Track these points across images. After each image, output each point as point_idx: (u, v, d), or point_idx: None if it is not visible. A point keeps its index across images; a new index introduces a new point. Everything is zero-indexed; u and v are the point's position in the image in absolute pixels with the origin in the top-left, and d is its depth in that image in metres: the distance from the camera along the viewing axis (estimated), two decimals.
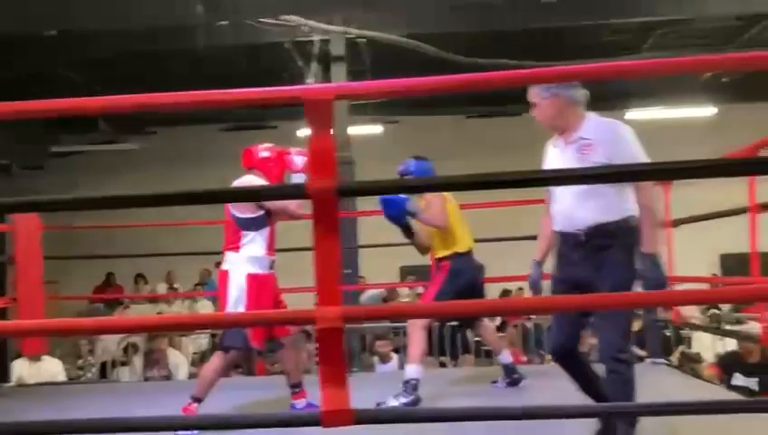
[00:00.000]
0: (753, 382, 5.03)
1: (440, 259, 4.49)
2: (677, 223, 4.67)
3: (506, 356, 4.73)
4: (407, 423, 1.96)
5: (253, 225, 3.79)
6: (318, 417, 1.85)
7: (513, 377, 4.69)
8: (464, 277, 4.43)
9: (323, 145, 1.87)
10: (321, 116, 1.85)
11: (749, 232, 3.71)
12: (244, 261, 3.81)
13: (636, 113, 11.72)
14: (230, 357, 3.84)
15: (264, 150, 3.92)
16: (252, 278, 3.79)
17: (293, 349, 4.08)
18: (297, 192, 1.79)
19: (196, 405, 3.70)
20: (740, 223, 3.95)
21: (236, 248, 3.82)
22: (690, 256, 9.05)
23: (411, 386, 4.19)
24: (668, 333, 7.31)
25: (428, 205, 4.35)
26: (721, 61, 3.26)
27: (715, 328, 6.95)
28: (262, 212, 3.77)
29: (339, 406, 1.87)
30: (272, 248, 3.89)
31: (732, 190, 3.76)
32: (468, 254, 4.53)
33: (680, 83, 10.74)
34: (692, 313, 7.16)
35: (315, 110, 1.84)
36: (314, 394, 1.97)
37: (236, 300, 3.77)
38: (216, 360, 3.84)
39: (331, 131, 1.89)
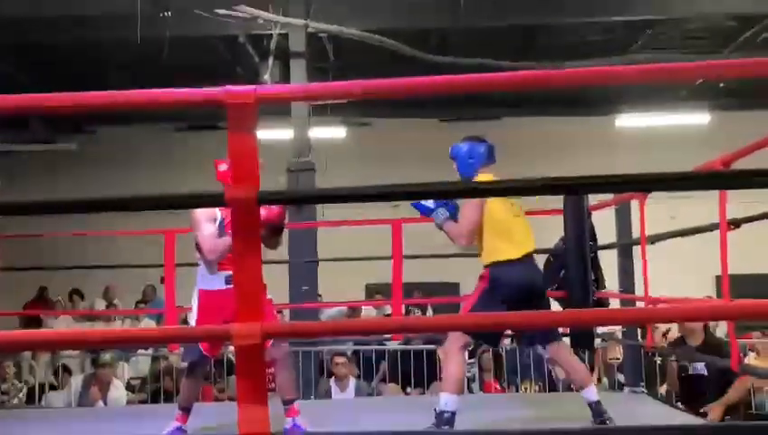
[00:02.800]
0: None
1: (484, 267, 4.26)
2: (653, 239, 4.81)
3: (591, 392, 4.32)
4: None
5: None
6: None
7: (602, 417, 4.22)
8: (506, 289, 4.12)
9: (245, 150, 1.95)
10: (242, 120, 1.94)
11: (748, 252, 3.80)
12: (199, 277, 4.18)
13: (626, 120, 11.95)
14: (194, 371, 4.24)
15: (222, 163, 4.01)
16: (202, 294, 4.13)
17: (287, 363, 4.25)
18: (215, 201, 1.87)
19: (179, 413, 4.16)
20: (740, 242, 3.98)
21: (198, 265, 4.19)
22: (686, 277, 9.28)
23: (445, 419, 3.99)
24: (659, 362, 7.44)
25: (461, 211, 4.21)
26: (719, 67, 2.99)
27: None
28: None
29: (257, 429, 1.95)
30: (226, 263, 4.01)
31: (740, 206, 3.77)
32: (518, 261, 4.21)
33: (673, 88, 10.98)
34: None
35: (236, 113, 1.93)
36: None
37: (191, 316, 4.22)
38: (184, 377, 4.31)
39: (254, 136, 1.98)
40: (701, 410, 5.33)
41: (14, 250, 9.06)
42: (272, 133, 10.14)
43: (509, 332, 4.89)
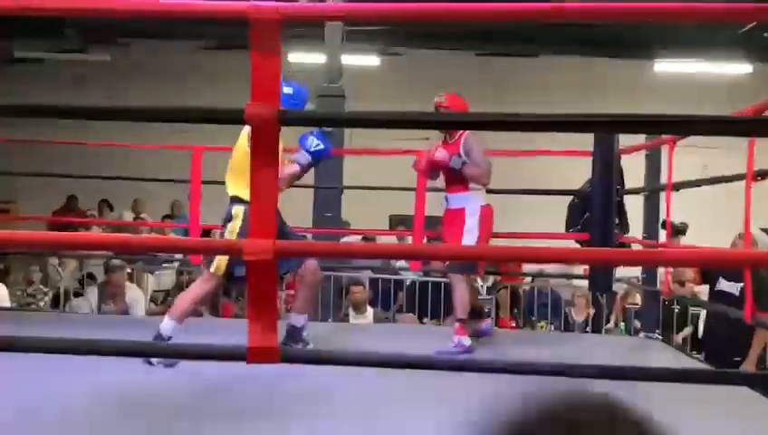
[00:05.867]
0: (735, 288, 5.33)
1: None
2: (678, 187, 4.76)
3: None
4: (337, 365, 2.09)
5: None
6: (243, 352, 1.98)
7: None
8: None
9: (267, 68, 1.95)
10: (266, 37, 1.93)
11: None
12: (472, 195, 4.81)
13: (664, 65, 11.71)
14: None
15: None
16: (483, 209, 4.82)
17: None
18: (234, 117, 1.87)
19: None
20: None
21: None
22: (716, 228, 9.17)
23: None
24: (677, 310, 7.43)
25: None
26: None
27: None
28: None
29: (266, 343, 1.99)
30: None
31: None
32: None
33: (715, 34, 10.67)
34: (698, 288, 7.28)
35: (260, 30, 1.92)
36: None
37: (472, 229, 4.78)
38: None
39: (278, 55, 1.97)
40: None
41: (44, 157, 9.17)
42: (304, 57, 10.07)
43: None
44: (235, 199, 4.11)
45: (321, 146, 3.92)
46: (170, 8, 1.96)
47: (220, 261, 3.92)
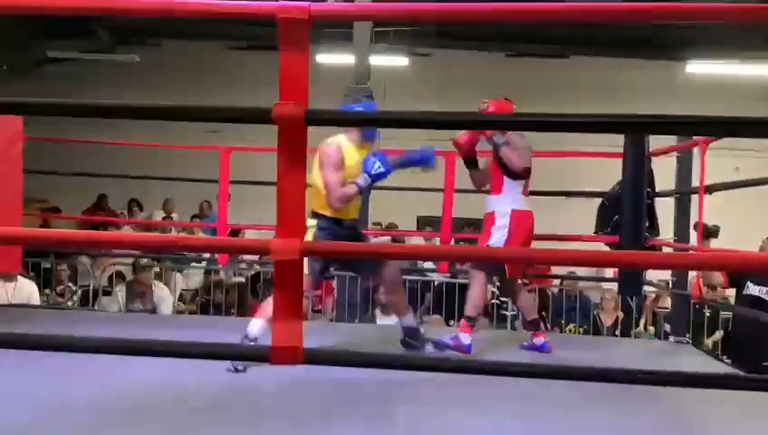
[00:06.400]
0: (764, 291, 5.26)
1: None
2: (711, 189, 4.71)
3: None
4: (363, 367, 2.08)
5: None
6: (267, 352, 1.97)
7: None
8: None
9: (296, 68, 1.95)
10: (294, 37, 1.93)
11: None
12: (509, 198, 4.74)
13: (695, 66, 11.59)
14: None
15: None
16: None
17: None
18: (262, 116, 1.87)
19: None
20: None
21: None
22: (748, 231, 9.07)
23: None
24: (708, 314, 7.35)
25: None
26: None
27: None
28: None
29: (290, 343, 1.99)
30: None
31: None
32: None
33: (748, 35, 10.53)
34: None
35: (288, 29, 1.91)
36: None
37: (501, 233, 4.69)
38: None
39: (307, 54, 1.97)
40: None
41: (76, 156, 9.28)
42: (333, 58, 10.09)
43: None
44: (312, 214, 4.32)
45: (382, 169, 4.16)
46: (200, 8, 1.97)
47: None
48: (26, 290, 6.38)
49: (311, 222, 4.22)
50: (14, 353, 2.57)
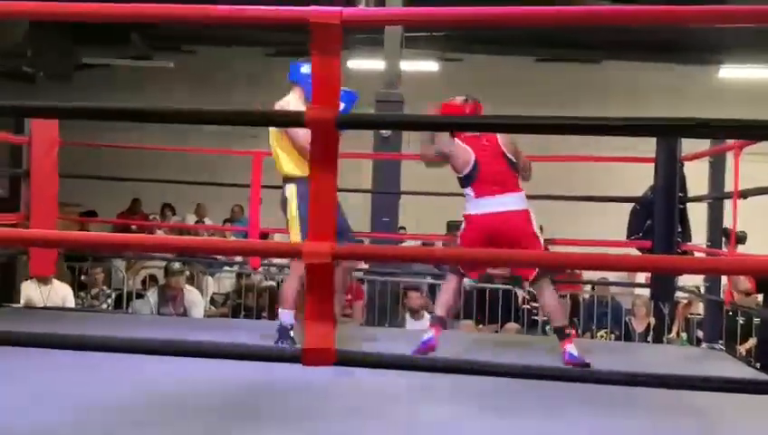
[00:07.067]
0: None
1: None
2: (746, 194, 4.66)
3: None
4: (393, 369, 2.09)
5: None
6: (299, 354, 1.99)
7: None
8: None
9: (328, 73, 1.97)
10: (327, 41, 1.95)
11: None
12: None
13: (730, 70, 11.47)
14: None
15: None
16: None
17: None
18: (295, 120, 1.89)
19: None
20: None
21: None
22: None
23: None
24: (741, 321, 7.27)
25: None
26: None
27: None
28: None
29: (322, 345, 2.01)
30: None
31: None
32: None
33: None
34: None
35: (321, 34, 1.94)
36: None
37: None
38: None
39: (339, 59, 1.99)
40: None
41: (110, 161, 9.39)
42: (364, 63, 10.12)
43: None
44: (286, 179, 4.35)
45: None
46: (234, 14, 2.00)
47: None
48: (61, 293, 6.47)
49: (289, 189, 4.31)
50: (42, 353, 2.61)
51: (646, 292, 7.00)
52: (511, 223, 4.39)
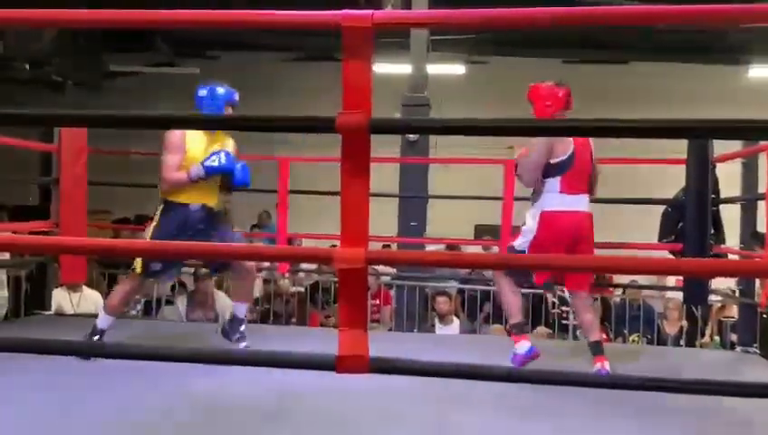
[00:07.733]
0: None
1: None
2: None
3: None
4: (429, 377, 2.07)
5: None
6: (332, 361, 1.98)
7: None
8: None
9: (359, 77, 1.95)
10: (358, 45, 1.93)
11: None
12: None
13: (759, 70, 11.33)
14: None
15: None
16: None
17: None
18: (326, 125, 1.88)
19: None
20: None
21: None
22: None
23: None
24: None
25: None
26: None
27: None
28: None
29: (355, 352, 1.99)
30: None
31: None
32: None
33: None
34: None
35: (352, 38, 1.92)
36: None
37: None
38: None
39: (370, 63, 1.97)
40: None
41: (137, 168, 9.42)
42: (389, 67, 10.11)
43: None
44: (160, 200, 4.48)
45: (217, 165, 4.08)
46: (263, 19, 1.99)
47: (137, 260, 4.30)
48: (92, 300, 6.50)
49: (158, 209, 4.42)
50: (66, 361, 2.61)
51: (678, 294, 6.91)
52: (586, 224, 4.23)
